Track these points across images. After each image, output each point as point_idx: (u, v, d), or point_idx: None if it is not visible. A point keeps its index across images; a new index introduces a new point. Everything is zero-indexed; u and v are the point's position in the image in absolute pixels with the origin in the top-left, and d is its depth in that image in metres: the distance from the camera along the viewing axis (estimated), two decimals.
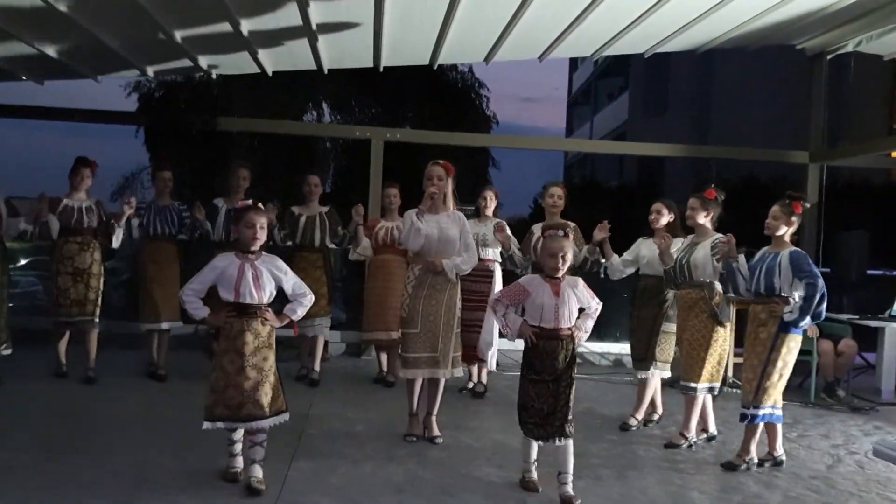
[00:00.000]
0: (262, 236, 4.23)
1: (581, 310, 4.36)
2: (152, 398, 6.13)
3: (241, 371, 4.11)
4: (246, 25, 6.83)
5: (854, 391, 7.43)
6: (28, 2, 5.93)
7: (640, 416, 5.95)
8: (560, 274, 4.26)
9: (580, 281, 4.40)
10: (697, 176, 24.04)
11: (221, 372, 4.14)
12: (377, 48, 7.94)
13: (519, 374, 6.93)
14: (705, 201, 5.37)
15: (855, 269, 8.44)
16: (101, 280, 6.57)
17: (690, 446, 5.39)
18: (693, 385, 5.28)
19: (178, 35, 6.98)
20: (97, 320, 6.54)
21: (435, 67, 9.15)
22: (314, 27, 6.96)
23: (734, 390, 7.29)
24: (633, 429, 5.84)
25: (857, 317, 7.71)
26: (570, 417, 4.21)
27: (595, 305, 4.37)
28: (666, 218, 5.81)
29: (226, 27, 6.77)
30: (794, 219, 4.90)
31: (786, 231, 4.92)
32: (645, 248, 5.87)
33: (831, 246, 8.79)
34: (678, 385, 5.49)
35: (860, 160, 9.26)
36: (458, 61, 10.65)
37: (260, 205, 4.32)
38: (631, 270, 6.00)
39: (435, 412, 5.31)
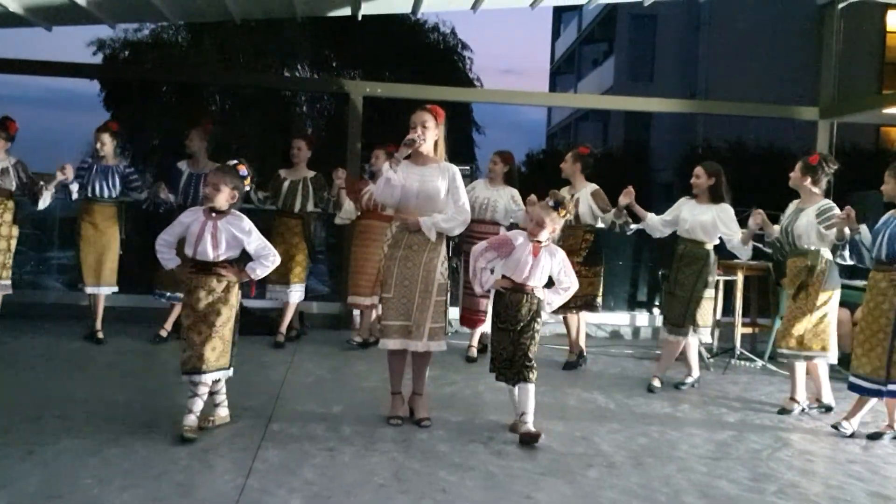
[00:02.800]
0: (216, 198, 4.16)
1: (551, 282, 4.48)
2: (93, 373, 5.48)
3: (193, 326, 4.16)
4: None
5: None
6: None
7: (696, 374, 5.91)
8: (540, 240, 4.36)
9: (561, 253, 4.49)
10: (684, 142, 23.60)
11: (182, 326, 4.26)
12: None
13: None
14: (808, 167, 5.24)
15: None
16: (12, 242, 6.06)
17: (802, 411, 5.28)
18: (801, 353, 5.22)
19: None
20: (5, 282, 6.03)
21: (418, 15, 8.45)
22: None
23: (742, 362, 6.80)
24: (685, 387, 5.82)
25: None
26: (529, 364, 4.34)
27: (567, 283, 4.46)
28: (704, 182, 5.72)
29: None
30: None
31: None
32: (686, 212, 5.76)
33: (844, 208, 8.23)
34: (789, 356, 5.30)
35: (872, 116, 8.68)
36: (443, 9, 9.95)
37: (242, 167, 4.29)
38: (670, 230, 5.92)
39: (422, 391, 4.68)
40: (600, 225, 6.29)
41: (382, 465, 3.88)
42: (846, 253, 4.89)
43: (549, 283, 4.50)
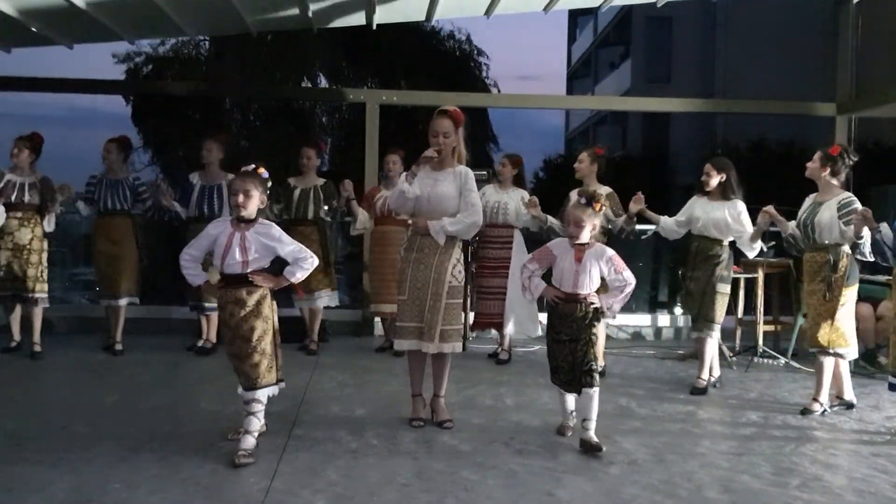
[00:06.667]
0: (249, 205, 3.98)
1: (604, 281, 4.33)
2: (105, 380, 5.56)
3: (231, 342, 4.04)
4: None
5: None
6: None
7: (705, 375, 5.75)
8: (581, 241, 4.25)
9: (609, 251, 4.33)
10: (703, 144, 23.51)
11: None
12: (370, 2, 7.31)
13: (528, 349, 6.85)
14: (828, 158, 5.12)
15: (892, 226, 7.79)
16: (43, 255, 6.36)
17: (824, 413, 5.14)
18: (829, 350, 5.08)
19: None
20: (39, 297, 6.34)
21: (433, 23, 8.53)
22: None
23: (765, 360, 6.79)
24: (702, 391, 5.66)
25: None
26: (589, 370, 4.20)
27: (621, 282, 4.28)
28: (715, 178, 5.66)
29: None
30: None
31: None
32: (699, 210, 5.72)
33: (865, 203, 8.18)
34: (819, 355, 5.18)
35: (891, 110, 8.62)
36: (457, 16, 9.97)
37: (261, 170, 4.07)
38: (685, 231, 5.86)
39: (442, 393, 4.71)
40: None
41: (405, 465, 3.92)
42: (867, 251, 4.84)
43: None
